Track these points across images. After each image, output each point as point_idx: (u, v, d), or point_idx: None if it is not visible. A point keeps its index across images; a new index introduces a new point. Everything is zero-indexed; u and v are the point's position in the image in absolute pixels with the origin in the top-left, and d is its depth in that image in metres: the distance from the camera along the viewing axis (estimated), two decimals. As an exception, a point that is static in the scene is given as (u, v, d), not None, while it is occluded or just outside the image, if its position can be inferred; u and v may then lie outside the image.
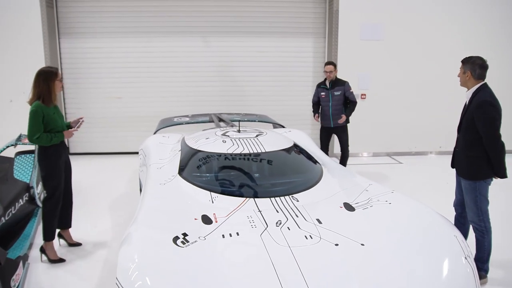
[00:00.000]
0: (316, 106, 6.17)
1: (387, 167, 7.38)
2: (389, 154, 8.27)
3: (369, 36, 7.79)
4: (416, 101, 8.10)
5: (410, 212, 2.79)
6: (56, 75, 3.66)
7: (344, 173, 3.74)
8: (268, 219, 2.68)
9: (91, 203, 5.44)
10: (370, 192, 3.14)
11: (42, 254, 3.78)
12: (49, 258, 3.76)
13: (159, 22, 8.02)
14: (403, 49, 7.94)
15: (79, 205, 5.31)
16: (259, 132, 4.17)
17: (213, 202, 3.00)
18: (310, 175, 3.48)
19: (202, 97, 8.33)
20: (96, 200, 5.53)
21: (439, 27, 7.90)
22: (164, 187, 3.37)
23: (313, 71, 8.42)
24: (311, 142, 4.92)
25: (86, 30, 7.97)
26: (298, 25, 8.21)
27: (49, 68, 3.71)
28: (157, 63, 8.16)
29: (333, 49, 7.87)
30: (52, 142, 3.63)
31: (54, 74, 3.65)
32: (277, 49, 8.26)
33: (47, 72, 3.65)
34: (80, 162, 7.98)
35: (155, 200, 3.06)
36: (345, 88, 5.84)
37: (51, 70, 3.68)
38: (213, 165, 3.59)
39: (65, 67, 8.08)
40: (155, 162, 4.12)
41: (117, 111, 8.32)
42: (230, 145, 3.72)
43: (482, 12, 7.94)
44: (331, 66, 5.86)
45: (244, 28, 8.15)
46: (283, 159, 3.72)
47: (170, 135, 5.19)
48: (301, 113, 8.46)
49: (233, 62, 8.28)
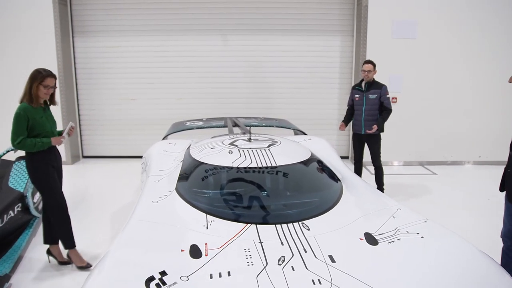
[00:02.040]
0: (350, 112, 5.56)
1: (419, 178, 6.77)
2: (422, 164, 7.63)
3: (401, 34, 7.19)
4: (453, 105, 7.46)
5: (447, 250, 2.26)
6: (40, 79, 3.36)
7: (367, 192, 3.22)
8: (269, 254, 2.21)
9: (93, 214, 5.13)
10: (399, 219, 2.62)
11: (49, 256, 3.74)
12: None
13: (176, 20, 7.69)
14: (439, 49, 7.28)
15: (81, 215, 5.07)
16: (272, 141, 3.72)
17: (208, 227, 2.56)
18: (327, 196, 2.98)
19: (220, 99, 7.95)
20: (99, 211, 5.21)
21: (480, 25, 7.20)
22: (156, 206, 2.95)
23: (339, 72, 7.88)
24: (333, 152, 4.40)
25: (101, 29, 7.73)
26: (323, 22, 7.69)
27: (41, 70, 3.42)
28: (173, 62, 7.83)
29: (361, 48, 7.31)
30: (37, 147, 3.38)
31: (40, 77, 3.36)
32: (301, 49, 7.77)
33: (35, 72, 3.40)
34: (91, 166, 7.80)
35: (141, 223, 2.64)
36: (382, 92, 5.21)
37: (38, 72, 3.39)
38: (213, 181, 3.15)
39: (79, 67, 7.86)
40: (154, 174, 3.73)
41: (131, 113, 8.05)
42: (236, 156, 3.28)
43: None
44: (370, 65, 5.24)
45: (265, 26, 7.71)
46: (296, 176, 3.24)
47: (177, 142, 4.80)
48: (326, 117, 7.94)
49: (254, 63, 7.85)
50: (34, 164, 3.45)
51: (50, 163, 3.54)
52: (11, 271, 3.55)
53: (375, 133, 5.24)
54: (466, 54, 7.30)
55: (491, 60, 7.27)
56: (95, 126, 8.14)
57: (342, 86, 7.88)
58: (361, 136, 5.40)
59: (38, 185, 3.55)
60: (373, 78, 5.32)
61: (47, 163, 3.51)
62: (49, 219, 3.66)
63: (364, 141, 5.44)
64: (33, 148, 3.36)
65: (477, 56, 7.29)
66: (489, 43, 7.24)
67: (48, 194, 3.55)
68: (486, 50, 7.26)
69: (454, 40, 7.26)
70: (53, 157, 3.57)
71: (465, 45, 7.27)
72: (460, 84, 7.39)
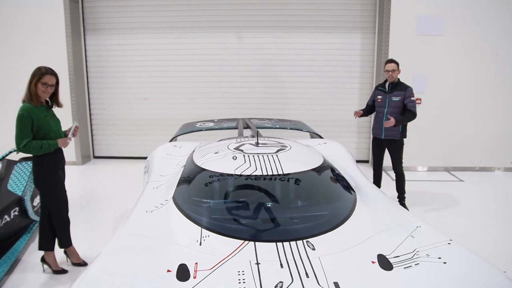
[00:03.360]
0: (367, 108, 5.24)
1: (444, 186, 6.38)
2: (448, 169, 7.22)
3: (426, 30, 6.79)
4: (482, 107, 7.04)
5: (473, 281, 1.95)
6: (39, 76, 3.30)
7: (384, 205, 2.91)
8: (265, 279, 1.96)
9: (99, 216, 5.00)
10: (418, 239, 2.32)
11: (44, 264, 3.61)
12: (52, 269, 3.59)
13: (189, 17, 7.51)
14: (467, 46, 6.87)
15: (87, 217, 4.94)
16: (281, 146, 3.46)
17: (201, 243, 2.32)
18: (337, 209, 2.70)
19: (234, 99, 7.74)
20: (105, 214, 5.07)
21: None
22: (149, 216, 2.73)
23: (360, 71, 7.54)
24: (350, 158, 4.09)
25: (113, 26, 7.62)
26: (343, 18, 7.37)
27: (40, 67, 3.37)
28: (186, 61, 7.66)
29: (383, 45, 6.96)
30: (43, 150, 3.30)
31: (39, 74, 3.31)
32: (319, 47, 7.47)
33: (35, 69, 3.35)
34: (102, 166, 7.70)
35: (129, 237, 2.42)
36: (406, 95, 4.83)
37: (38, 69, 3.35)
38: (211, 191, 2.92)
39: (90, 66, 7.77)
40: (154, 180, 3.52)
41: (143, 113, 7.92)
42: (240, 163, 3.03)
43: None
44: (394, 64, 4.89)
45: (281, 22, 7.45)
46: (304, 185, 2.96)
47: (183, 145, 4.58)
48: (345, 119, 7.61)
49: (269, 61, 7.60)
50: (44, 167, 3.39)
51: (58, 166, 3.51)
52: (5, 275, 3.47)
53: (395, 137, 4.89)
54: (497, 51, 6.86)
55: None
56: (107, 126, 8.04)
57: (363, 86, 7.53)
58: (382, 141, 5.07)
59: (44, 189, 3.47)
60: (398, 79, 4.98)
61: (56, 165, 3.48)
62: (46, 223, 3.57)
63: (384, 147, 5.11)
64: (40, 151, 3.28)
65: (509, 54, 6.84)
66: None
67: (53, 198, 3.51)
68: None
69: (483, 36, 6.82)
70: (60, 159, 3.54)
71: (496, 42, 6.83)
72: (489, 84, 6.96)
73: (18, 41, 7.13)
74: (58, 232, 3.61)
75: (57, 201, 3.54)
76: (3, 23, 7.08)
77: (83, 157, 7.68)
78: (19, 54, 7.12)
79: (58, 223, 3.58)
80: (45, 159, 3.38)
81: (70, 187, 3.75)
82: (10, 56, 7.11)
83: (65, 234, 3.66)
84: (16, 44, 7.14)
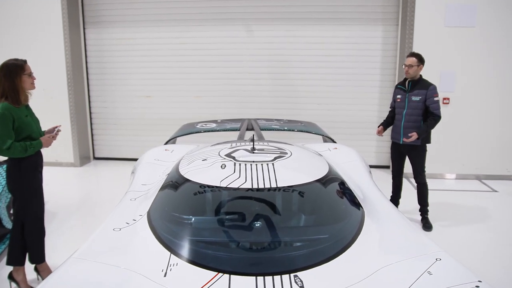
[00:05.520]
0: (392, 114, 4.78)
1: (474, 197, 5.85)
2: (479, 178, 6.66)
3: (456, 21, 6.26)
4: (519, 108, 6.47)
5: None
6: (22, 69, 3.13)
7: (398, 228, 2.47)
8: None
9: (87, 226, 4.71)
10: (436, 277, 1.88)
11: (11, 282, 3.31)
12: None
13: (195, 9, 7.17)
14: (502, 40, 6.30)
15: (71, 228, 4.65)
16: (281, 152, 3.06)
17: (167, 274, 1.95)
18: (338, 233, 2.28)
19: (242, 97, 7.38)
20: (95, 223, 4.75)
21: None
22: (116, 235, 2.37)
23: (381, 67, 7.06)
24: (363, 167, 3.65)
25: (115, 19, 7.35)
26: (362, 9, 6.89)
27: (14, 61, 3.16)
28: (192, 56, 7.33)
29: (407, 39, 6.47)
30: (28, 152, 3.12)
31: (20, 67, 3.13)
32: (335, 40, 7.02)
33: (10, 65, 3.12)
34: (102, 168, 7.47)
35: (80, 264, 2.06)
36: (428, 94, 4.34)
37: (15, 63, 3.15)
38: (190, 206, 2.55)
39: (91, 61, 7.53)
40: (134, 190, 3.17)
41: (146, 112, 7.64)
42: (228, 173, 2.65)
43: None
44: (413, 58, 4.41)
45: (294, 14, 7.02)
46: (300, 202, 2.56)
47: (177, 148, 4.25)
48: (364, 120, 7.15)
49: (281, 56, 7.19)
50: (21, 169, 3.15)
51: (38, 168, 3.28)
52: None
53: (416, 143, 4.42)
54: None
55: None
56: (108, 125, 7.79)
57: (384, 84, 7.04)
58: (400, 147, 4.60)
59: (20, 193, 3.22)
60: (420, 76, 4.50)
61: (35, 168, 3.26)
62: (18, 234, 3.27)
63: (404, 153, 4.65)
64: (25, 153, 3.09)
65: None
66: None
67: (29, 205, 3.25)
68: None
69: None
70: (40, 161, 3.35)
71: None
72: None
73: (11, 34, 6.91)
74: (30, 244, 3.31)
75: (33, 208, 3.27)
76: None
77: (82, 158, 7.44)
78: (12, 49, 6.87)
79: (32, 234, 3.30)
80: (24, 160, 3.13)
81: (63, 191, 3.45)
82: (1, 49, 6.88)
83: (39, 247, 3.37)
84: (8, 36, 6.92)
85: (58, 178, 6.52)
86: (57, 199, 5.45)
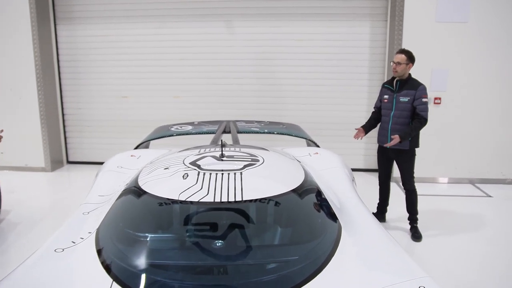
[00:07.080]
0: (375, 116, 4.54)
1: (468, 202, 5.65)
2: (473, 182, 6.47)
3: (448, 16, 6.05)
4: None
5: None
6: None
7: (379, 248, 2.22)
8: None
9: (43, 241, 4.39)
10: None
11: None
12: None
13: (175, 4, 6.88)
14: (496, 36, 6.11)
15: (32, 241, 4.33)
16: (252, 159, 2.81)
17: (103, 309, 1.69)
18: (310, 255, 2.03)
19: (223, 98, 7.14)
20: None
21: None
22: (57, 257, 2.10)
23: (369, 66, 6.85)
24: (344, 174, 3.41)
25: (88, 15, 7.03)
26: (349, 4, 6.67)
27: None
28: (170, 54, 7.06)
29: (396, 35, 6.25)
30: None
31: None
32: (321, 37, 6.79)
33: None
34: (75, 173, 7.20)
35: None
36: (417, 94, 4.10)
37: None
38: (141, 224, 2.29)
39: (63, 59, 7.22)
40: (88, 202, 2.91)
41: (123, 113, 7.36)
42: (190, 184, 2.39)
43: None
44: (402, 55, 4.17)
45: (279, 9, 6.78)
46: (268, 217, 2.30)
47: (144, 154, 3.98)
48: (351, 121, 6.84)
49: (264, 54, 6.95)
50: None
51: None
52: None
53: (403, 147, 4.19)
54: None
55: None
56: (83, 127, 7.50)
57: (372, 83, 6.83)
58: (388, 151, 4.36)
59: None
60: (409, 75, 4.27)
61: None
62: None
63: (391, 158, 4.42)
64: None
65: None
66: None
67: None
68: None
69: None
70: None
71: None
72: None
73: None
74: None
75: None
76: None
77: (54, 162, 7.13)
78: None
79: None
80: None
81: (30, 198, 3.13)
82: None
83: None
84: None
85: (26, 185, 6.22)
86: (20, 208, 5.14)
